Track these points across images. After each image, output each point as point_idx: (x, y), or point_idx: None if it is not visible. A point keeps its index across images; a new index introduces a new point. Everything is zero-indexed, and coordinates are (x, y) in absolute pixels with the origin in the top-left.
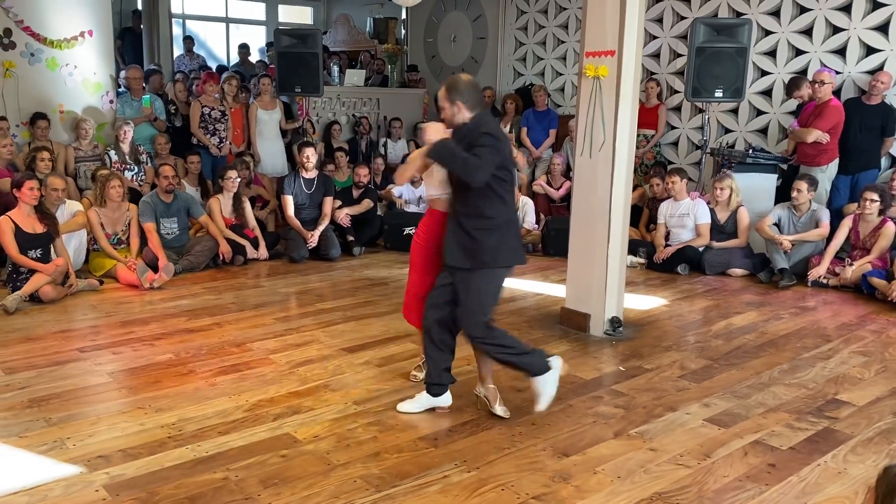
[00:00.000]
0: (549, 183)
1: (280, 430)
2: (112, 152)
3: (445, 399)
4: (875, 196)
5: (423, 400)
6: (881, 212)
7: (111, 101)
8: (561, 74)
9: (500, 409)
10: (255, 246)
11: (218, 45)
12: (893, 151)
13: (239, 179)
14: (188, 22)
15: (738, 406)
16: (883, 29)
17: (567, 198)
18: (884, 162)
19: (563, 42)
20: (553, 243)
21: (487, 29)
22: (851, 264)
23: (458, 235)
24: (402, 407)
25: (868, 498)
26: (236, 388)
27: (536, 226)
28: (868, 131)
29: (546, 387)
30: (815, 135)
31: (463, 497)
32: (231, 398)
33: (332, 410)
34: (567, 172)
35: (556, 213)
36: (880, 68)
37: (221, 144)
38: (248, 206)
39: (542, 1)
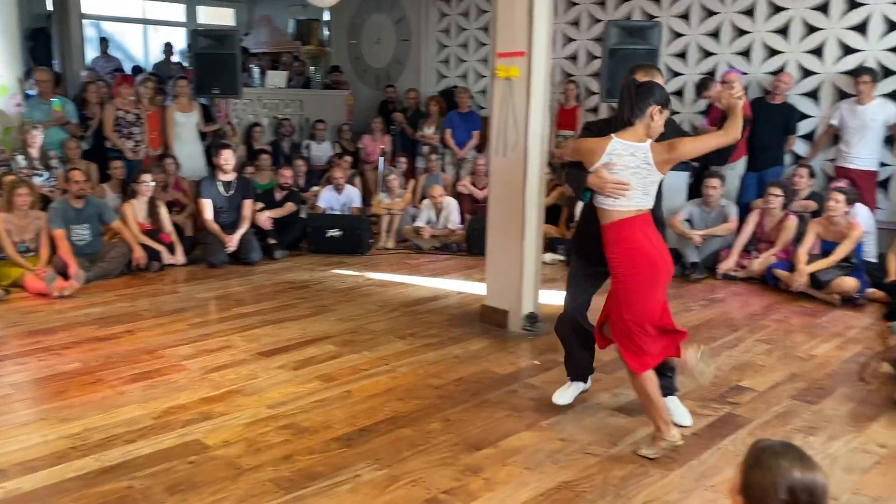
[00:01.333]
0: (473, 183)
1: (189, 437)
2: (20, 157)
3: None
4: (778, 191)
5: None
6: (784, 206)
7: (18, 104)
8: (483, 77)
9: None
10: (172, 251)
11: (136, 47)
12: (796, 149)
13: (154, 183)
14: (105, 23)
15: None
16: (783, 32)
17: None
18: (787, 159)
19: (484, 45)
20: (477, 242)
21: (410, 31)
22: (758, 257)
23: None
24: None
25: (737, 472)
26: (146, 396)
27: (461, 225)
28: (772, 130)
29: None
30: None
31: (373, 495)
32: (140, 406)
33: (244, 415)
34: None
35: (481, 213)
36: (782, 69)
37: (137, 148)
38: (163, 210)
39: (464, 4)
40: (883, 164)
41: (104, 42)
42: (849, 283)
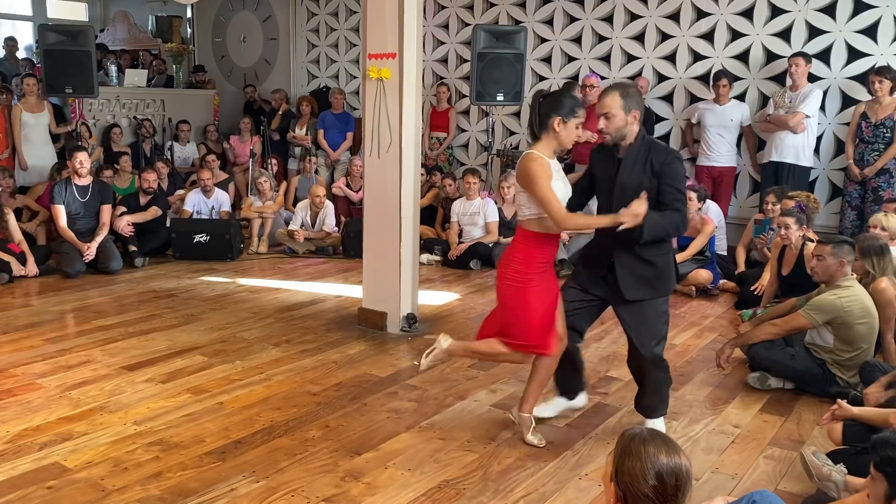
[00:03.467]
0: (348, 185)
1: (47, 460)
2: None
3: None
4: None
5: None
6: None
7: None
8: (355, 77)
9: (533, 438)
10: (23, 262)
11: None
12: None
13: (0, 189)
14: None
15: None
16: (640, 38)
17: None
18: None
19: (355, 45)
20: (353, 245)
21: (278, 30)
22: None
23: (634, 266)
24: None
25: (609, 461)
26: None
27: (336, 228)
28: None
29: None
30: (585, 135)
31: None
32: None
33: (108, 433)
34: None
35: (357, 215)
36: (639, 74)
37: None
38: (11, 218)
39: (333, 4)
40: None
41: None
42: (703, 275)
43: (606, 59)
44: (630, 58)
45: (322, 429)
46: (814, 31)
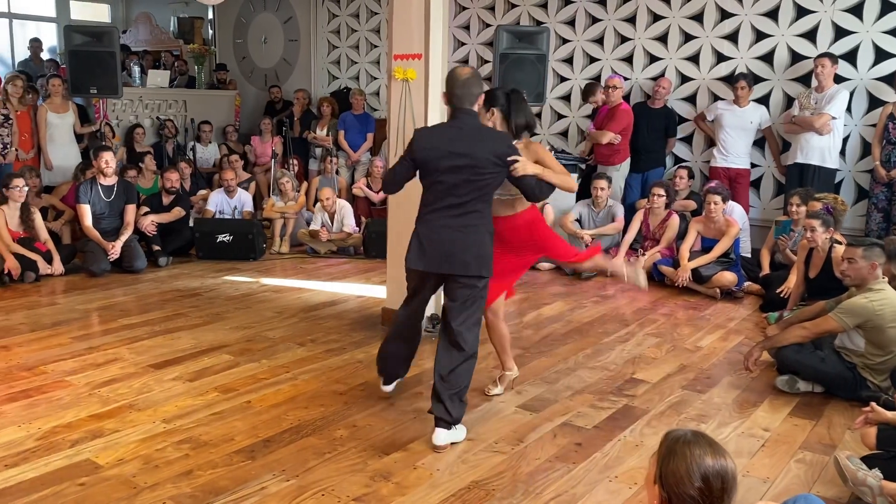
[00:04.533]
0: (369, 186)
1: (79, 457)
2: None
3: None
4: (661, 191)
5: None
6: (667, 205)
7: None
8: (376, 78)
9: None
10: (49, 260)
11: (2, 43)
12: (677, 151)
13: (27, 188)
14: None
15: (547, 391)
16: (663, 39)
17: (387, 200)
18: (669, 160)
19: (376, 46)
20: (374, 246)
21: (299, 31)
22: (643, 254)
23: (483, 243)
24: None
25: (652, 463)
26: (27, 416)
27: (357, 229)
28: (653, 132)
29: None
30: (608, 136)
31: None
32: (21, 427)
33: (138, 431)
34: None
35: (377, 216)
36: (662, 75)
37: (5, 151)
38: (38, 217)
39: (354, 5)
40: (754, 165)
41: None
42: (728, 277)
43: (629, 59)
44: (653, 58)
45: (350, 428)
46: (840, 32)
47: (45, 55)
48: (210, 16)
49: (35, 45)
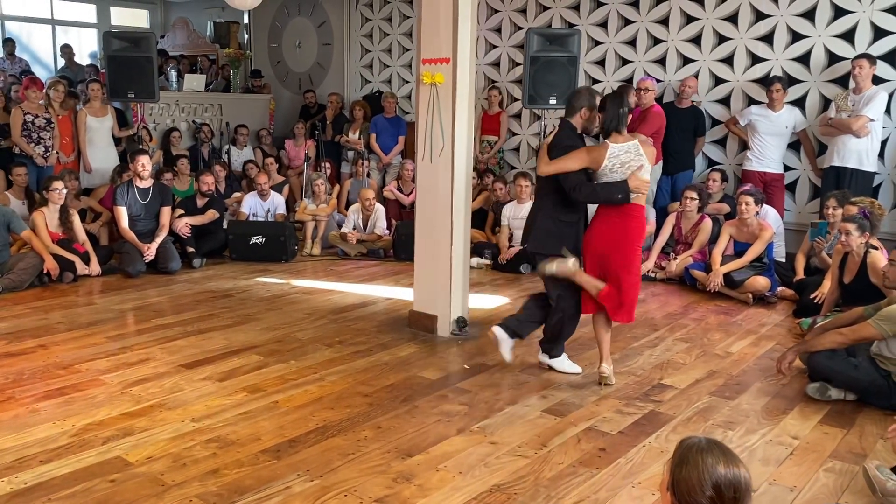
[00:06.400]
0: (399, 189)
1: (110, 454)
2: None
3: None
4: (694, 195)
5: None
6: (699, 209)
7: None
8: (408, 82)
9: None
10: (86, 261)
11: (44, 49)
12: (710, 153)
13: (66, 190)
14: (9, 23)
15: (573, 396)
16: (696, 41)
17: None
18: (700, 162)
19: (408, 50)
20: (404, 248)
21: (333, 35)
22: (675, 258)
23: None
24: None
25: (666, 470)
26: (62, 413)
27: (388, 231)
28: (682, 133)
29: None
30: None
31: None
32: (55, 424)
33: (167, 430)
34: None
35: (408, 219)
36: (695, 76)
37: (47, 154)
38: (76, 218)
39: (387, 9)
40: (787, 168)
41: (10, 43)
42: (761, 282)
43: (661, 61)
44: (686, 60)
45: (374, 430)
46: (879, 32)
47: (85, 60)
48: (245, 20)
49: (67, 51)
